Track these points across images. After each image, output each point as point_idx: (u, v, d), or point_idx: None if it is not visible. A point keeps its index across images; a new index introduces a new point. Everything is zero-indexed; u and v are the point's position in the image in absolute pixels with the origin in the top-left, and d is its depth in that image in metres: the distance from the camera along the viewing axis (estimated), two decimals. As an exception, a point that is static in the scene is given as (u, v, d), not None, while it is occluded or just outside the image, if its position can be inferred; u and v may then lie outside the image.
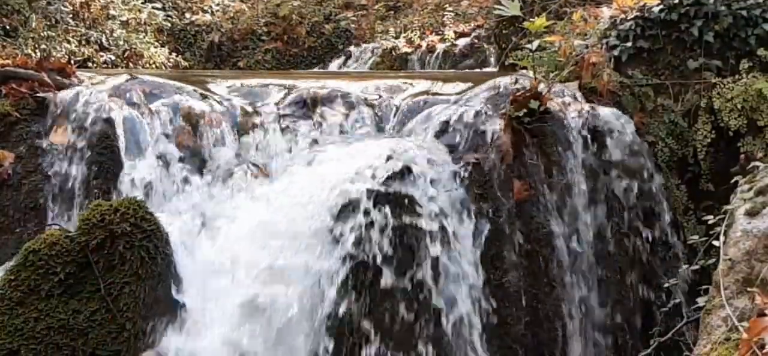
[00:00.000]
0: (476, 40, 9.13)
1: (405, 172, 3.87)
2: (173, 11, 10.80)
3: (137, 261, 3.58)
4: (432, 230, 3.76)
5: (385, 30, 10.47)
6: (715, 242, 2.91)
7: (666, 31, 4.67)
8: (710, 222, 3.19)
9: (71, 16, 9.17)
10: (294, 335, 3.56)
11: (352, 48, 10.14)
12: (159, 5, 10.56)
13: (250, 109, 4.52)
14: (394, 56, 9.41)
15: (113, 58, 9.24)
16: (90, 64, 8.81)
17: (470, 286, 3.81)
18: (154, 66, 9.43)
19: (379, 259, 3.65)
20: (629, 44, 4.70)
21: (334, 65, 9.96)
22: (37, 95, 4.34)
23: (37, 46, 8.38)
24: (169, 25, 10.40)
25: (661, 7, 4.67)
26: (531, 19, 4.59)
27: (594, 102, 4.47)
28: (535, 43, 4.48)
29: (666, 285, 4.11)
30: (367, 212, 3.70)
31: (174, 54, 9.99)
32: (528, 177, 4.11)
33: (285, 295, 3.58)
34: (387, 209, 3.72)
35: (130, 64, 9.28)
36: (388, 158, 3.90)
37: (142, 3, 10.21)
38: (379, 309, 3.61)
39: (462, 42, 9.21)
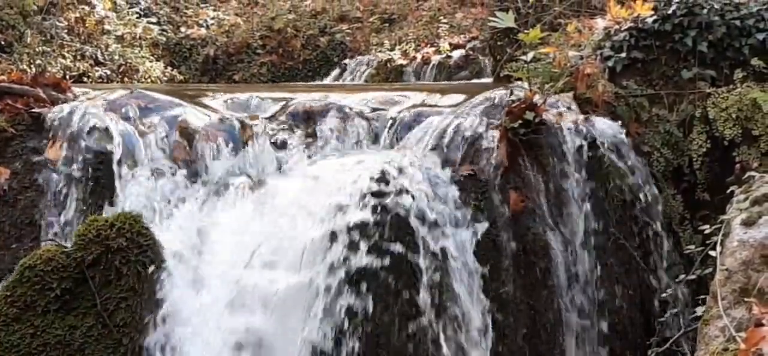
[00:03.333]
0: (471, 52, 9.15)
1: (400, 185, 3.86)
2: (168, 26, 10.81)
3: (133, 276, 3.58)
4: (428, 243, 3.75)
5: (380, 42, 10.50)
6: (712, 252, 2.92)
7: (660, 41, 4.69)
8: (706, 232, 3.19)
9: (66, 31, 9.18)
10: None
11: (347, 61, 10.16)
12: (154, 20, 10.58)
13: (245, 122, 4.52)
14: (389, 68, 9.43)
15: (109, 73, 9.24)
16: (85, 80, 8.81)
17: (467, 298, 3.80)
18: (149, 80, 9.44)
19: (373, 273, 3.64)
20: (623, 55, 4.71)
21: (329, 78, 9.98)
22: (33, 110, 4.34)
23: (32, 61, 8.38)
24: (165, 39, 10.42)
25: (655, 17, 4.69)
26: (525, 31, 4.60)
27: (589, 113, 4.47)
28: (530, 55, 4.49)
29: (663, 295, 4.11)
30: (360, 228, 3.68)
31: (169, 68, 10.00)
32: (524, 188, 4.11)
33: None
34: (381, 224, 3.72)
35: (126, 79, 9.29)
36: (382, 172, 3.90)
37: (137, 18, 10.23)
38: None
39: (457, 54, 9.23)
